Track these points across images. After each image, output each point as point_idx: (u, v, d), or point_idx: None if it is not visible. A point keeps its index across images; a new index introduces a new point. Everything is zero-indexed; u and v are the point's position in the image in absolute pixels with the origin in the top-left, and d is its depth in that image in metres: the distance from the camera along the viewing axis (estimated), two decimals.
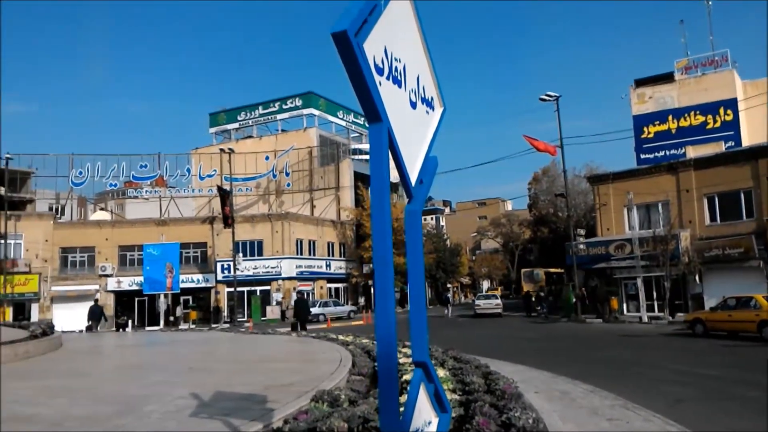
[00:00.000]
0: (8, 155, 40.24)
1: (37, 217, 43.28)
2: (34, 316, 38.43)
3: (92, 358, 13.66)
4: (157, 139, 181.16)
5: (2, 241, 37.34)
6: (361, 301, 50.05)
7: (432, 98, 3.29)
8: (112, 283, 41.94)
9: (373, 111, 2.48)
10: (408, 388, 2.86)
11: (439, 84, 3.35)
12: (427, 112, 3.22)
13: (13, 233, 39.12)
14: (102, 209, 53.79)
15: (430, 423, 2.76)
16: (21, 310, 39.51)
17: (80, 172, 47.34)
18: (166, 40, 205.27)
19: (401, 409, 2.45)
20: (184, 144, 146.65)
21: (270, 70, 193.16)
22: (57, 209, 49.06)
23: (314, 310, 39.47)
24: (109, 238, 42.70)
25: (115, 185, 50.66)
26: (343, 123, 62.04)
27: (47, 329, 15.38)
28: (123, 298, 42.40)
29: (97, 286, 41.46)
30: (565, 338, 20.72)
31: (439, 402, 2.82)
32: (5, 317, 35.72)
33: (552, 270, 49.91)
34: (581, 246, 32.67)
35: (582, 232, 36.52)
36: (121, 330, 27.40)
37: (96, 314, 25.11)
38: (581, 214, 44.45)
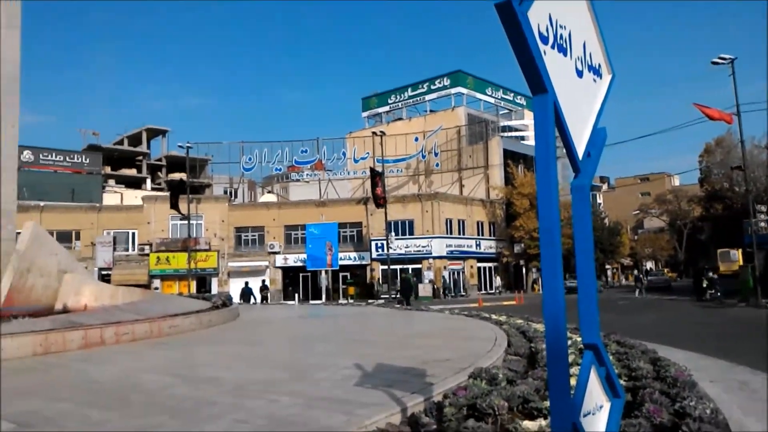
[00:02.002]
0: (189, 144, 44.89)
1: (214, 200, 48.00)
2: (214, 289, 42.78)
3: (265, 328, 14.89)
4: (316, 124, 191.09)
5: (187, 222, 41.93)
6: (497, 281, 49.15)
7: (599, 65, 3.10)
8: (279, 260, 45.34)
9: (537, 82, 2.40)
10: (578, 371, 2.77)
11: (607, 50, 3.15)
12: (594, 80, 3.04)
13: (195, 214, 43.69)
14: (269, 192, 58.22)
15: (601, 407, 2.65)
16: (203, 283, 44.21)
17: (249, 159, 51.61)
18: (322, 31, 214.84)
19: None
20: (339, 128, 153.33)
21: (419, 51, 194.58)
22: (231, 192, 54.08)
23: None
24: (276, 218, 46.10)
25: (280, 169, 54.50)
26: (492, 100, 60.82)
27: (226, 301, 17.09)
28: (289, 274, 45.74)
29: (266, 263, 45.10)
30: (743, 324, 18.68)
31: (611, 386, 2.69)
32: (189, 289, 40.17)
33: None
34: (762, 224, 29.18)
35: (763, 208, 32.55)
36: (263, 302, 31.19)
37: (246, 295, 28.57)
38: (761, 188, 39.58)
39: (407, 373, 6.65)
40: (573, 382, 2.65)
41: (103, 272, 41.10)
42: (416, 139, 53.50)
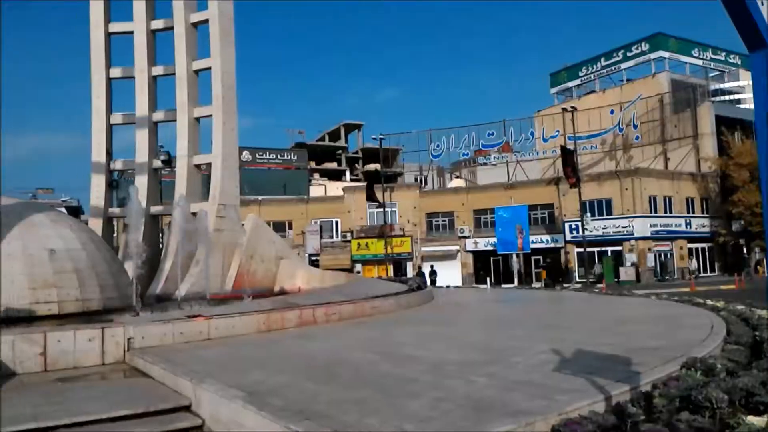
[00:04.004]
0: (381, 136, 47.17)
1: (406, 188, 49.84)
2: (409, 272, 44.50)
3: (459, 311, 15.17)
4: (501, 106, 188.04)
5: (382, 210, 44.17)
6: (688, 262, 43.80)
7: None
8: (469, 244, 45.73)
9: (754, 37, 2.14)
10: None
11: None
12: None
13: (389, 202, 45.78)
14: (457, 177, 58.85)
15: None
16: (399, 267, 46.24)
17: (437, 146, 52.70)
18: (506, 12, 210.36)
19: None
20: (526, 108, 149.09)
21: (611, 19, 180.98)
22: (421, 179, 55.81)
23: None
24: (464, 203, 46.49)
25: (467, 154, 54.78)
26: (699, 62, 54.43)
27: (421, 284, 17.73)
28: (480, 258, 45.91)
29: (457, 247, 45.79)
30: None
31: None
32: (387, 273, 42.27)
33: None
34: None
35: None
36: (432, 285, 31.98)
37: (421, 278, 29.46)
38: None
39: (610, 361, 6.35)
40: None
41: (312, 258, 44.99)
42: (612, 112, 50.03)
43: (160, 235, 20.91)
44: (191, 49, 19.31)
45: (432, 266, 38.62)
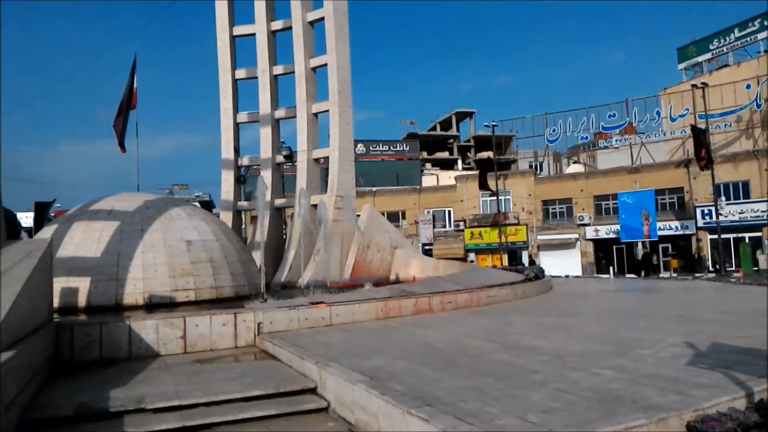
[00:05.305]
0: (493, 123, 46.32)
1: (520, 175, 48.60)
2: (525, 261, 43.49)
3: (580, 301, 14.63)
4: (624, 85, 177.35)
5: (496, 198, 43.48)
6: None
7: None
8: (590, 232, 43.78)
9: None
10: None
11: None
12: None
13: (503, 190, 44.95)
14: (575, 162, 56.45)
15: None
16: (514, 256, 45.31)
17: (553, 130, 50.86)
18: None
19: None
20: (651, 86, 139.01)
21: None
22: (536, 166, 54.25)
23: None
24: (583, 189, 44.56)
25: (586, 138, 52.34)
26: None
27: (538, 273, 17.28)
28: (601, 246, 43.84)
29: (576, 235, 44.02)
30: None
31: None
32: (502, 262, 41.57)
33: None
34: None
35: None
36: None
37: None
38: None
39: (750, 355, 5.89)
40: None
41: (426, 247, 45.26)
42: (748, 87, 45.61)
43: (284, 226, 22.00)
44: (309, 47, 20.08)
45: (531, 256, 37.60)
